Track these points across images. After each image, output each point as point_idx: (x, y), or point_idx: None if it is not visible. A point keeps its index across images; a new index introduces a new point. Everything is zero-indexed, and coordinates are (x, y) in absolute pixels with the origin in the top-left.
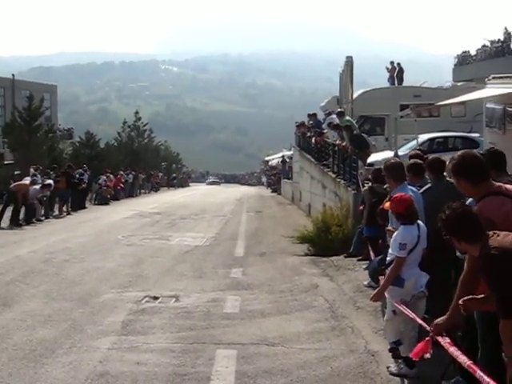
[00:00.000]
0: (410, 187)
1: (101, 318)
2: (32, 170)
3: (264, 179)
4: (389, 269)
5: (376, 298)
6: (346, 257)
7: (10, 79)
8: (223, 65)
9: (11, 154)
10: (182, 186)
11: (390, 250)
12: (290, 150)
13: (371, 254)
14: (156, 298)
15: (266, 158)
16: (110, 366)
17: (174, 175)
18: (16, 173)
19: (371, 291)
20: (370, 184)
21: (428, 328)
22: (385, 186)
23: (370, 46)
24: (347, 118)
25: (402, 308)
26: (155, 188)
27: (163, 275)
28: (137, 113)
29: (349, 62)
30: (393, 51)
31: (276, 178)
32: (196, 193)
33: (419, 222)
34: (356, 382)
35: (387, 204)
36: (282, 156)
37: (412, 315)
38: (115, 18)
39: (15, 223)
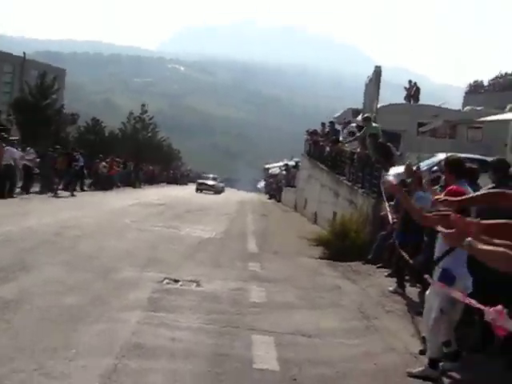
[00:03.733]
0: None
1: (124, 292)
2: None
3: (261, 185)
4: (439, 265)
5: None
6: (364, 263)
7: (20, 57)
8: (229, 70)
9: (18, 132)
10: (181, 184)
11: (437, 247)
12: (291, 159)
13: (406, 258)
14: (177, 281)
15: (266, 166)
16: (143, 338)
17: (172, 171)
18: (49, 151)
19: (397, 297)
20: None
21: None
22: None
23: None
24: (374, 124)
25: (462, 296)
26: (149, 182)
27: (181, 261)
28: (143, 105)
29: (377, 71)
30: (399, 77)
31: (276, 185)
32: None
33: None
34: (405, 380)
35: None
36: (286, 164)
37: (478, 305)
38: (126, 11)
39: None
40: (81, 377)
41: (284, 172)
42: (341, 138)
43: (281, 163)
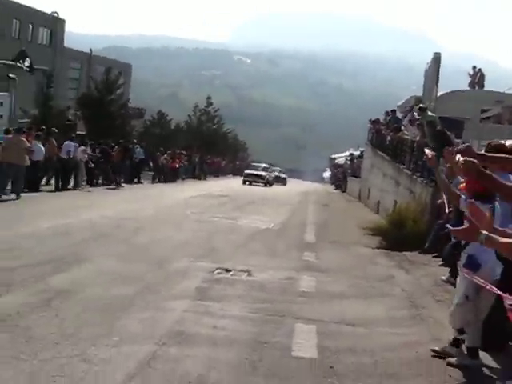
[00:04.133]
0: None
1: (174, 282)
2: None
3: (326, 175)
4: (465, 250)
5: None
6: (420, 252)
7: (87, 54)
8: (295, 60)
9: (84, 126)
10: None
11: None
12: (357, 149)
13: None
14: (228, 271)
15: (333, 156)
16: (186, 326)
17: (238, 163)
18: (105, 146)
19: (450, 286)
20: None
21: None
22: None
23: (447, 55)
24: (430, 113)
25: (485, 283)
26: (215, 174)
27: (235, 251)
28: (209, 98)
29: (437, 58)
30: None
31: (342, 175)
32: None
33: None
34: (443, 368)
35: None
36: (351, 154)
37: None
38: (191, 5)
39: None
40: (119, 362)
41: (349, 162)
42: (402, 127)
43: (347, 153)
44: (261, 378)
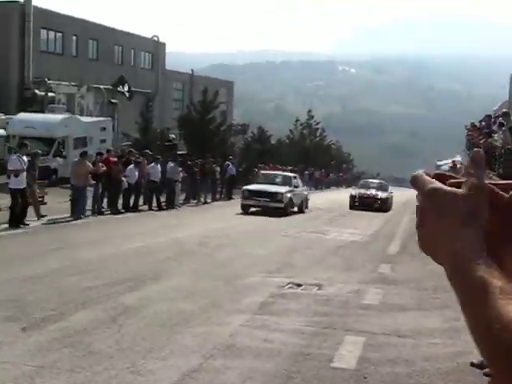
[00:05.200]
0: None
1: (241, 297)
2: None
3: None
4: None
5: None
6: None
7: (188, 74)
8: (401, 66)
9: (185, 146)
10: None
11: None
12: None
13: None
14: (299, 285)
15: (438, 163)
16: (238, 339)
17: (341, 174)
18: (189, 163)
19: None
20: None
21: None
22: None
23: None
24: None
25: None
26: (316, 186)
27: (311, 265)
28: (309, 111)
29: None
30: None
31: None
32: None
33: None
34: (478, 378)
35: None
36: (453, 161)
37: None
38: (295, 18)
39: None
40: (164, 374)
41: (451, 169)
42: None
43: (454, 158)
44: None
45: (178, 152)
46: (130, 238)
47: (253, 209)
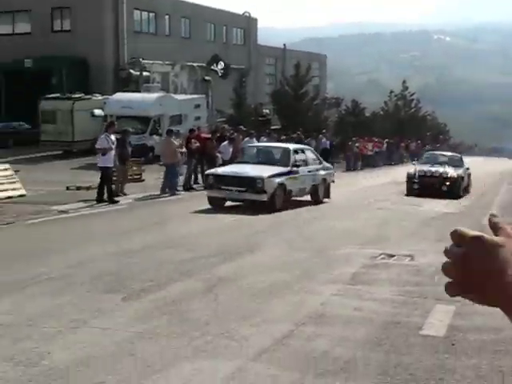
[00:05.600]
0: None
1: (333, 268)
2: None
3: None
4: None
5: None
6: None
7: (280, 49)
8: (497, 34)
9: (278, 121)
10: None
11: None
12: None
13: None
14: (391, 256)
15: None
16: (328, 308)
17: (438, 145)
18: (282, 137)
19: None
20: None
21: None
22: None
23: None
24: None
25: None
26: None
27: (404, 236)
28: (404, 82)
29: None
30: None
31: None
32: None
33: None
34: None
35: None
36: None
37: None
38: None
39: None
40: (256, 339)
41: None
42: None
43: None
44: (381, 354)
45: (272, 127)
46: (222, 212)
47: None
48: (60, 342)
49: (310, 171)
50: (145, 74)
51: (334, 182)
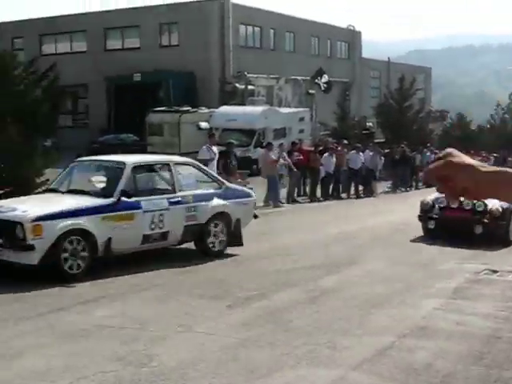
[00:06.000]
0: None
1: (435, 282)
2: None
3: None
4: None
5: None
6: None
7: (385, 62)
8: None
9: (382, 134)
10: None
11: None
12: None
13: None
14: (495, 272)
15: None
16: (431, 322)
17: None
18: (386, 151)
19: None
20: None
21: None
22: None
23: None
24: None
25: None
26: None
27: (508, 252)
28: (511, 94)
29: None
30: None
31: None
32: None
33: None
34: None
35: None
36: None
37: None
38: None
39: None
40: (358, 349)
41: None
42: None
43: None
44: (482, 368)
45: (375, 140)
46: (326, 224)
47: None
48: (167, 345)
49: (179, 201)
50: (250, 87)
51: (256, 217)
